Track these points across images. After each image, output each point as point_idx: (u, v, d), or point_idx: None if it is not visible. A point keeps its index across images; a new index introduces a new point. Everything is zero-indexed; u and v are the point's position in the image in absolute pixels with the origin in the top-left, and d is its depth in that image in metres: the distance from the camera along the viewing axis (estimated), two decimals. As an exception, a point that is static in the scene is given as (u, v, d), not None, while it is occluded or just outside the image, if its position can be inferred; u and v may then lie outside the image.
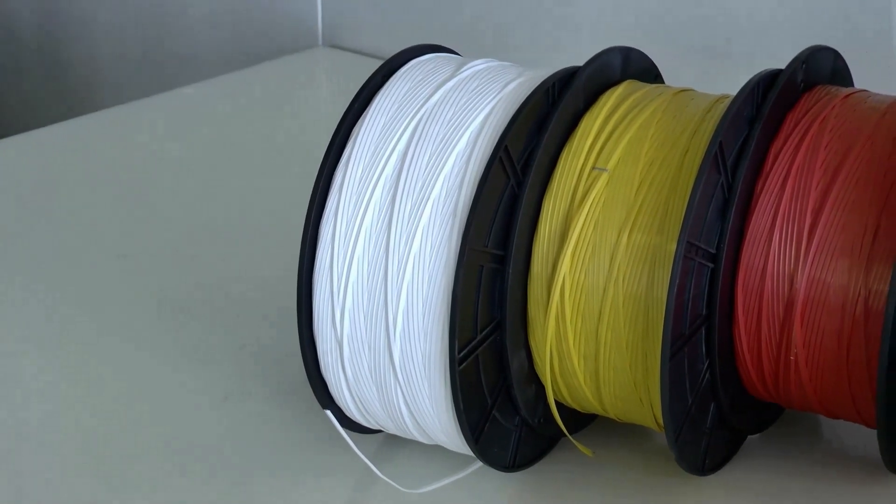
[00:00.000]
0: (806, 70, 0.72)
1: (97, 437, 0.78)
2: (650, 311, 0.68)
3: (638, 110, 0.71)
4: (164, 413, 0.79)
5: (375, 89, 0.73)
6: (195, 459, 0.76)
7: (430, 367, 0.69)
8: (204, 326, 0.87)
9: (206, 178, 1.08)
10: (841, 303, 0.67)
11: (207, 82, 1.27)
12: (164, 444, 0.77)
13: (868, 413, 0.69)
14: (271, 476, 0.74)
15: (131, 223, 1.01)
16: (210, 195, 1.05)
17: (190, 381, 0.82)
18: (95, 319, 0.88)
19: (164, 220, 1.01)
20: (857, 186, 0.68)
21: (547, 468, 0.74)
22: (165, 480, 0.74)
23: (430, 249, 0.68)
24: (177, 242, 0.98)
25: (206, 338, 0.86)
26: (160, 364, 0.83)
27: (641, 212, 0.68)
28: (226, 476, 0.74)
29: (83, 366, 0.84)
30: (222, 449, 0.76)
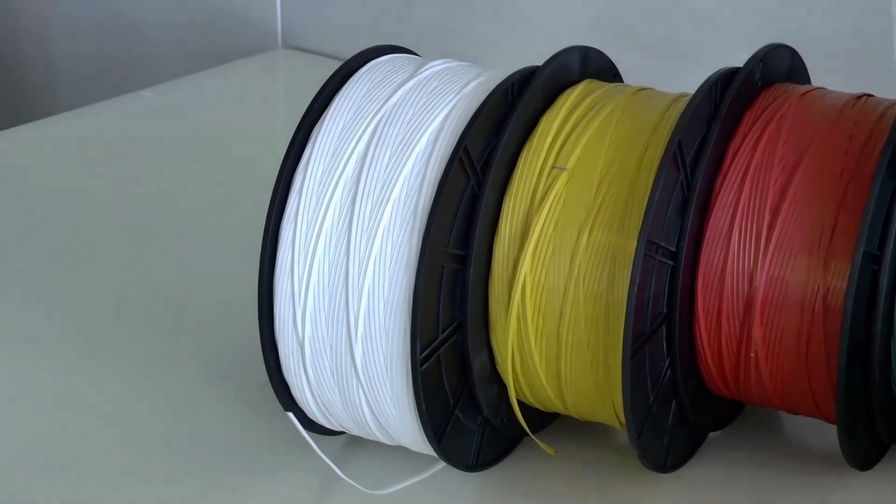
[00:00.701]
0: (763, 68, 0.72)
1: (56, 441, 0.77)
2: (611, 310, 0.68)
3: (597, 110, 0.71)
4: (124, 417, 0.79)
5: (334, 91, 0.73)
6: (156, 463, 0.75)
7: (391, 368, 0.69)
8: (164, 329, 0.87)
9: (166, 181, 1.08)
10: (800, 300, 0.67)
11: (166, 85, 1.27)
12: (125, 447, 0.77)
13: (828, 408, 0.70)
14: (233, 479, 0.74)
15: (89, 227, 1.00)
16: (170, 198, 1.05)
17: (151, 384, 0.82)
18: (54, 324, 0.88)
19: (123, 224, 1.00)
20: (815, 184, 0.68)
21: (510, 467, 0.74)
22: (126, 484, 0.74)
23: (390, 250, 0.68)
24: (136, 245, 0.97)
25: (165, 341, 0.85)
26: (120, 368, 0.83)
27: (601, 211, 0.69)
28: (188, 479, 0.74)
29: (40, 370, 0.83)
30: (184, 452, 0.76)
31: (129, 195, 1.05)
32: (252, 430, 0.77)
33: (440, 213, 0.67)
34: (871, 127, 0.69)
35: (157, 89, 1.26)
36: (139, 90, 1.26)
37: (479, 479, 0.73)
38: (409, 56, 0.76)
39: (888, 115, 0.70)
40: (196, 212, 1.02)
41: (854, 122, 0.70)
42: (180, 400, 0.80)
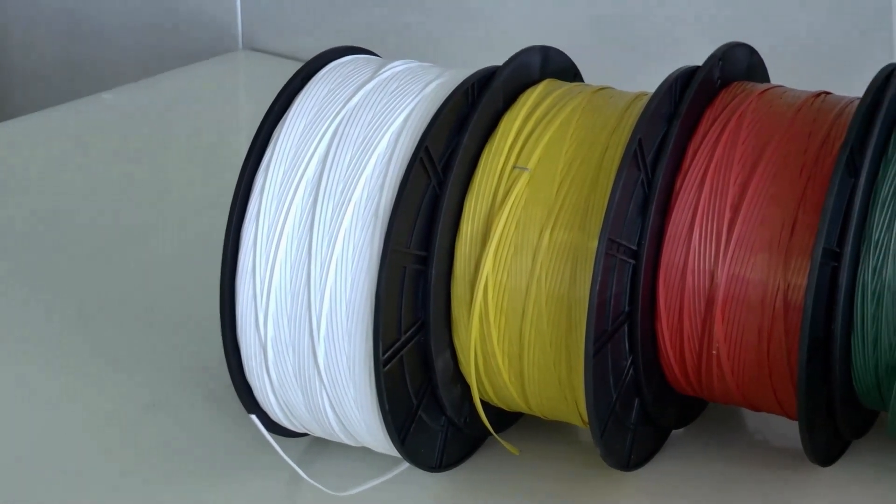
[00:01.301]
0: (723, 67, 0.72)
1: (20, 447, 0.77)
2: (573, 309, 0.68)
3: (557, 109, 0.72)
4: (87, 421, 0.79)
5: (295, 92, 0.72)
6: (120, 467, 0.75)
7: (354, 370, 0.69)
8: (126, 333, 0.86)
9: (127, 183, 1.07)
10: (761, 297, 0.68)
11: (127, 87, 1.26)
12: (88, 452, 0.76)
13: (789, 405, 0.70)
14: (197, 482, 0.74)
15: (50, 230, 1.00)
16: (131, 201, 1.04)
17: (113, 388, 0.81)
18: (16, 328, 0.87)
19: (85, 227, 1.00)
20: (775, 181, 0.69)
21: (474, 467, 0.74)
22: (90, 489, 0.74)
23: (352, 251, 0.68)
24: (97, 249, 0.97)
25: (128, 344, 0.85)
26: (82, 372, 0.83)
27: (563, 210, 0.69)
28: (151, 483, 0.74)
29: (3, 375, 0.83)
30: (147, 456, 0.76)
31: (91, 198, 1.05)
32: (215, 433, 0.77)
33: (401, 214, 0.67)
34: (830, 124, 0.70)
35: (118, 91, 1.25)
36: (99, 92, 1.26)
37: (443, 480, 0.73)
38: (370, 57, 0.76)
39: (846, 112, 0.70)
40: (158, 214, 1.02)
41: (813, 119, 0.70)
42: (143, 402, 0.80)
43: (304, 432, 0.74)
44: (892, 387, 0.68)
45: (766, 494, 0.72)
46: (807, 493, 0.72)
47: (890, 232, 0.67)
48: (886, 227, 0.67)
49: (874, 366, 0.68)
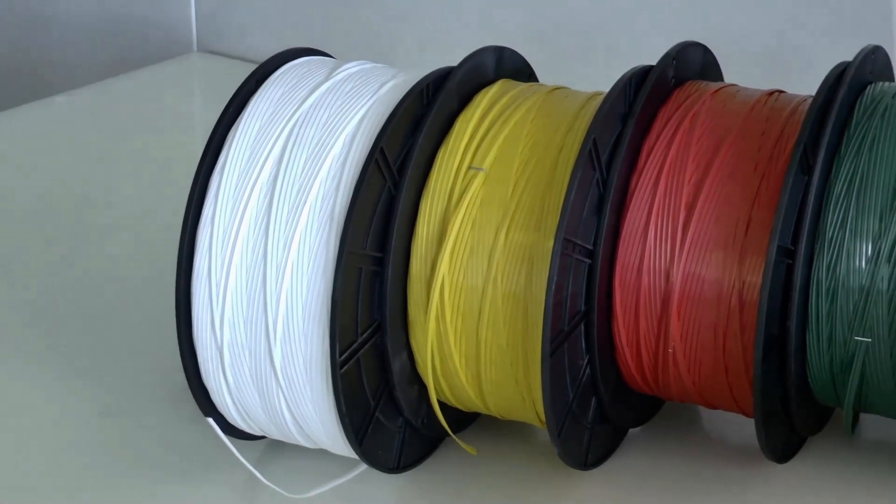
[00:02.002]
0: (676, 66, 0.73)
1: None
2: (529, 309, 0.68)
3: (512, 109, 0.72)
4: (42, 426, 0.78)
5: (249, 94, 0.72)
6: (77, 473, 0.75)
7: (311, 372, 0.69)
8: (81, 336, 0.86)
9: (82, 187, 1.07)
10: (716, 295, 0.68)
11: (81, 90, 1.26)
12: (44, 458, 0.76)
13: (745, 402, 0.70)
14: (154, 486, 0.73)
15: (4, 233, 0.99)
16: (85, 204, 1.04)
17: (68, 392, 0.81)
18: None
19: (38, 230, 0.99)
20: (729, 180, 0.69)
21: (432, 468, 0.74)
22: (46, 493, 0.73)
23: (308, 254, 0.68)
24: (51, 252, 0.96)
25: (83, 348, 0.85)
26: (37, 377, 0.82)
27: (518, 210, 0.69)
28: (108, 487, 0.74)
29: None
30: (104, 461, 0.75)
31: (45, 202, 1.04)
32: (172, 436, 0.77)
33: (357, 216, 0.67)
34: (784, 123, 0.70)
35: (72, 94, 1.25)
36: (52, 96, 1.25)
37: (402, 481, 0.73)
38: (324, 58, 0.76)
39: (799, 111, 0.71)
40: (113, 218, 1.01)
41: (766, 118, 0.71)
42: (100, 406, 0.79)
43: (261, 435, 0.74)
44: (846, 383, 0.68)
45: (722, 492, 0.72)
46: (763, 490, 0.72)
47: (843, 229, 0.67)
48: (840, 224, 0.67)
49: (829, 362, 0.68)
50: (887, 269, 0.66)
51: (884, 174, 0.67)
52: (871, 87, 0.71)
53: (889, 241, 0.66)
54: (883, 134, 0.68)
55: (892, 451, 0.74)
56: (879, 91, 0.70)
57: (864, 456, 0.74)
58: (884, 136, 0.68)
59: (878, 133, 0.68)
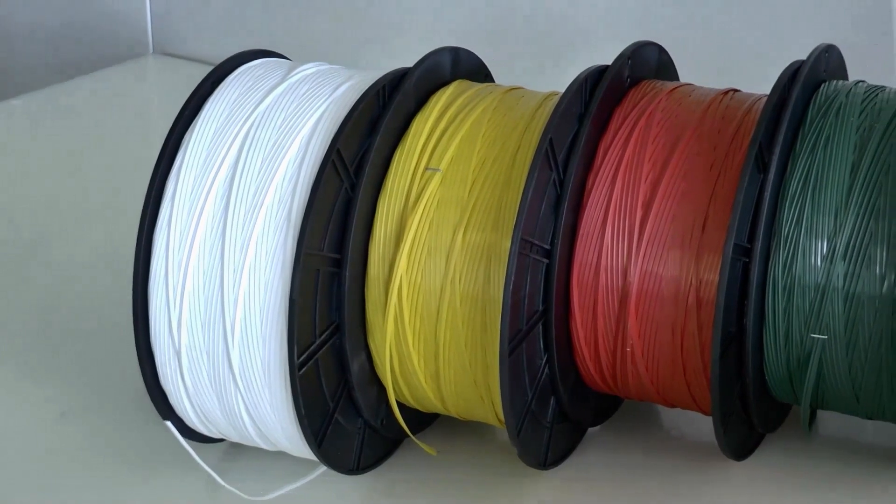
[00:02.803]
0: (632, 65, 0.73)
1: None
2: (487, 309, 0.68)
3: (469, 109, 0.72)
4: (2, 426, 0.78)
5: (205, 96, 0.72)
6: (35, 477, 0.74)
7: (270, 374, 0.68)
8: (38, 341, 0.85)
9: (39, 191, 1.06)
10: (673, 294, 0.68)
11: (38, 93, 1.25)
12: (3, 463, 0.75)
13: (703, 400, 0.71)
14: (113, 491, 0.73)
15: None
16: (42, 208, 1.03)
17: (27, 397, 0.80)
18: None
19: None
20: (686, 179, 0.69)
21: (392, 469, 0.74)
22: (5, 499, 0.73)
23: (265, 256, 0.68)
24: (7, 256, 0.96)
25: (41, 353, 0.84)
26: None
27: (475, 210, 0.69)
28: (67, 492, 0.73)
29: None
30: (62, 465, 0.75)
31: (1, 206, 1.03)
32: (131, 440, 0.76)
33: (314, 217, 0.67)
34: (739, 121, 0.70)
35: (28, 98, 1.24)
36: (9, 99, 1.24)
37: (361, 482, 0.73)
38: (280, 60, 0.75)
39: (754, 109, 0.71)
40: (69, 221, 1.01)
41: (722, 116, 0.71)
42: (58, 411, 0.79)
43: (220, 438, 0.74)
44: (804, 380, 0.69)
45: (681, 489, 0.72)
46: (722, 488, 0.72)
47: (799, 227, 0.68)
48: (795, 222, 0.68)
49: (786, 360, 0.69)
50: (842, 266, 0.67)
51: (838, 172, 0.68)
52: (824, 85, 0.71)
53: (844, 238, 0.67)
54: (837, 132, 0.69)
55: (849, 448, 0.75)
56: (833, 89, 0.71)
57: (821, 452, 0.74)
58: (838, 134, 0.68)
59: (832, 131, 0.69)
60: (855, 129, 0.69)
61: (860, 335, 0.67)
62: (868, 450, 0.75)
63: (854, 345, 0.67)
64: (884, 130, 0.68)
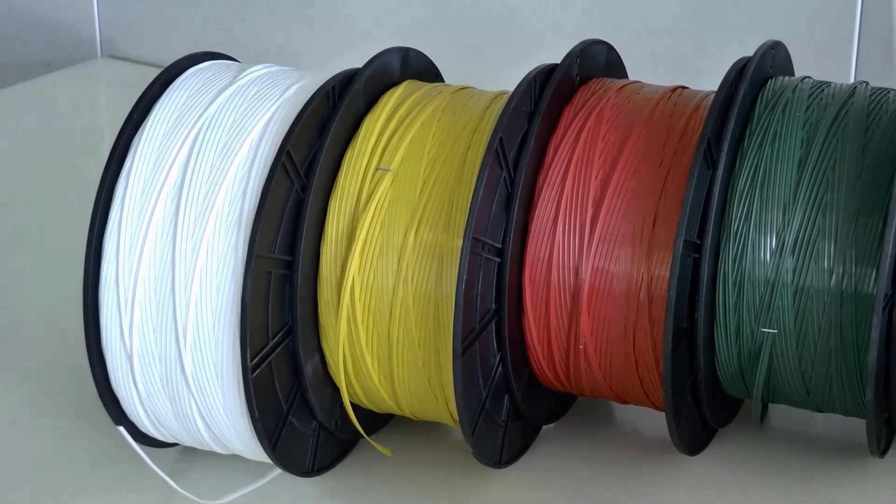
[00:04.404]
0: (581, 63, 0.73)
1: None
2: (440, 308, 0.68)
3: (419, 110, 0.72)
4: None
5: (154, 99, 0.72)
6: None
7: (223, 377, 0.68)
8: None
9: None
10: (625, 290, 0.68)
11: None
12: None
13: (656, 396, 0.71)
14: (67, 498, 0.73)
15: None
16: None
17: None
18: None
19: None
20: (635, 176, 0.69)
21: (347, 470, 0.74)
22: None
23: (216, 259, 0.67)
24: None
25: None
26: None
27: (427, 210, 0.69)
28: (19, 496, 0.73)
29: None
30: (14, 472, 0.75)
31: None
32: (83, 446, 0.76)
33: (265, 219, 0.67)
34: (688, 118, 0.71)
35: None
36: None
37: (317, 484, 0.73)
38: (229, 62, 0.75)
39: (703, 106, 0.71)
40: (17, 225, 1.00)
41: (671, 113, 0.71)
42: (10, 415, 0.78)
43: (174, 442, 0.74)
44: (755, 374, 0.69)
45: (636, 485, 0.73)
46: (676, 482, 0.73)
47: (748, 222, 0.68)
48: (745, 217, 0.68)
49: (737, 354, 0.69)
50: (791, 260, 0.67)
51: (786, 167, 0.68)
52: (771, 81, 0.72)
53: (792, 233, 0.67)
54: (784, 127, 0.69)
55: (800, 440, 0.75)
56: (780, 85, 0.71)
57: (773, 445, 0.75)
58: (785, 130, 0.69)
59: (779, 127, 0.69)
60: (802, 124, 0.69)
61: (809, 329, 0.67)
62: (818, 442, 0.75)
63: (804, 338, 0.68)
64: (830, 126, 0.69)
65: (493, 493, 0.72)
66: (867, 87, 0.71)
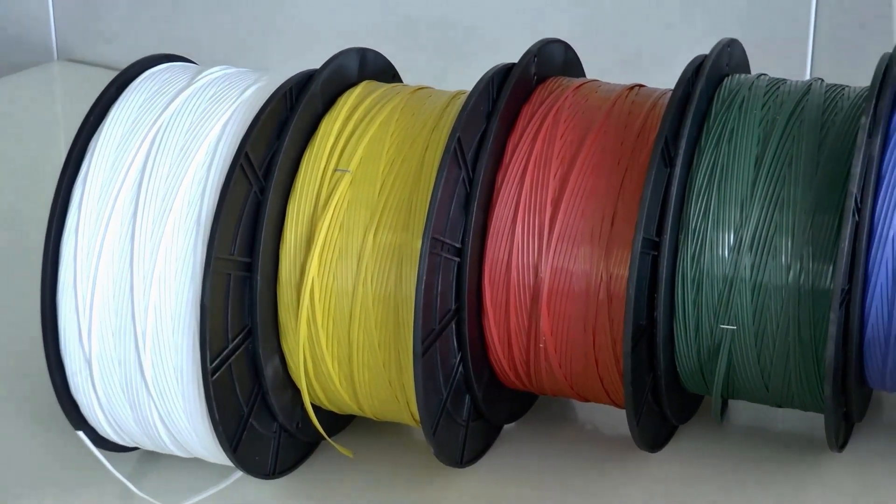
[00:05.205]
0: (538, 63, 0.73)
1: None
2: (400, 309, 0.68)
3: (377, 110, 0.72)
4: None
5: (111, 102, 0.71)
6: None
7: (183, 381, 0.68)
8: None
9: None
10: (584, 289, 0.69)
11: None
12: (-89, 478, 0.74)
13: (617, 394, 0.71)
14: (25, 501, 0.72)
15: None
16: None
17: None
18: None
19: None
20: (594, 174, 0.70)
21: (309, 472, 0.74)
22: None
23: (175, 262, 0.67)
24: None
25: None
26: None
27: (386, 211, 0.69)
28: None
29: None
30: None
31: None
32: (43, 451, 0.76)
33: (224, 221, 0.67)
34: (645, 116, 0.71)
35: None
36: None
37: (278, 486, 0.73)
38: (186, 64, 0.75)
39: (660, 104, 0.72)
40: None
41: (628, 112, 0.71)
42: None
43: (134, 446, 0.73)
44: (714, 371, 0.70)
45: (597, 482, 0.73)
46: (637, 479, 0.73)
47: (706, 220, 0.68)
48: (702, 215, 0.68)
49: (696, 351, 0.69)
50: (749, 257, 0.67)
51: (743, 165, 0.68)
52: (728, 79, 0.72)
53: (750, 230, 0.68)
54: (741, 125, 0.69)
55: (760, 436, 0.76)
56: (736, 83, 0.72)
57: (733, 441, 0.75)
58: (742, 128, 0.69)
59: (735, 124, 0.69)
60: (758, 121, 0.69)
61: (768, 325, 0.68)
62: (778, 437, 0.76)
63: (762, 335, 0.68)
64: (786, 123, 0.69)
65: (455, 492, 0.72)
66: (822, 84, 0.72)
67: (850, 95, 0.70)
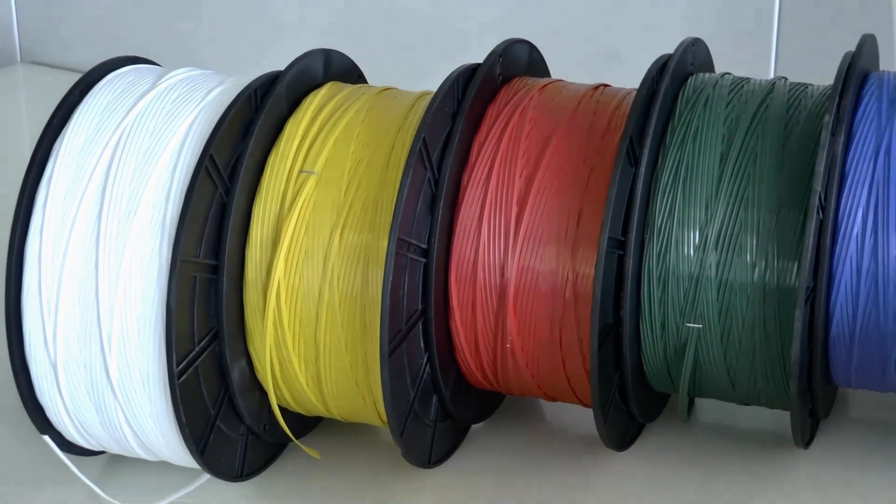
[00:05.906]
0: (503, 63, 0.73)
1: None
2: (367, 310, 0.68)
3: (342, 111, 0.72)
4: None
5: (74, 104, 0.71)
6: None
7: (149, 384, 0.68)
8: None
9: None
10: (550, 288, 0.69)
11: None
12: None
13: (584, 393, 0.71)
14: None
15: None
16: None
17: None
18: None
19: None
20: (559, 174, 0.70)
21: (276, 474, 0.74)
22: None
23: (140, 264, 0.67)
24: None
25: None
26: None
27: (352, 211, 0.69)
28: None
29: None
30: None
31: None
32: (9, 456, 0.75)
33: (189, 223, 0.66)
34: (610, 115, 0.71)
35: None
36: None
37: (246, 488, 0.73)
38: (150, 66, 0.75)
39: (625, 103, 0.72)
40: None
41: (593, 111, 0.72)
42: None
43: (101, 450, 0.73)
44: (681, 369, 0.70)
45: (566, 482, 0.73)
46: (605, 478, 0.73)
47: (672, 218, 0.68)
48: (668, 213, 0.68)
49: (663, 349, 0.70)
50: (714, 255, 0.68)
51: (708, 163, 0.69)
52: (692, 78, 0.73)
53: (715, 228, 0.68)
54: (705, 124, 0.70)
55: (726, 433, 0.76)
56: (701, 82, 0.72)
57: (700, 439, 0.76)
58: (706, 126, 0.69)
59: (700, 123, 0.70)
60: (722, 120, 0.70)
61: (734, 323, 0.68)
62: (744, 435, 0.76)
63: (728, 332, 0.68)
64: (750, 121, 0.69)
65: (423, 493, 0.72)
66: (786, 82, 0.72)
67: (814, 94, 0.71)
